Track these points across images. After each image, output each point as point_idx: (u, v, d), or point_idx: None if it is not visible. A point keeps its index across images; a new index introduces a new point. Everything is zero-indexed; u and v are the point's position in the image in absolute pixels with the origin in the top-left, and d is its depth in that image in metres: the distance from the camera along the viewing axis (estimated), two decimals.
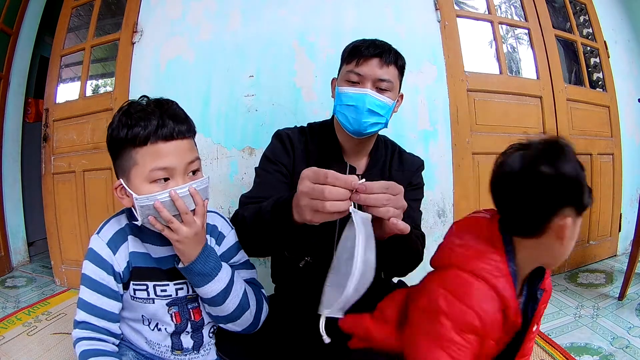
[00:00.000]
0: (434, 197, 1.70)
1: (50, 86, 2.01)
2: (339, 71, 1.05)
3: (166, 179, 0.71)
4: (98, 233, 0.80)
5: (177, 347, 0.85)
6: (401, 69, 1.02)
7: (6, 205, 2.21)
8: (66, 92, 2.10)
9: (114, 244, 0.79)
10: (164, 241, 0.78)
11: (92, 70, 2.07)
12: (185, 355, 0.85)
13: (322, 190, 0.62)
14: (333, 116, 1.07)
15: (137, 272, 0.80)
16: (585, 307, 1.54)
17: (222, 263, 0.80)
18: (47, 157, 1.99)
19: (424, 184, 1.13)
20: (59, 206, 1.97)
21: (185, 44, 1.72)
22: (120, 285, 0.80)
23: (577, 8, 2.19)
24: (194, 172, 0.75)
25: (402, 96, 1.08)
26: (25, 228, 2.33)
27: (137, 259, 0.80)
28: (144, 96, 0.78)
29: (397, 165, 1.09)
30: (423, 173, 1.14)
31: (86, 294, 0.78)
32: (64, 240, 1.98)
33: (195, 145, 0.79)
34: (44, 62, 2.37)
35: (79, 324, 0.78)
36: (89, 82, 2.06)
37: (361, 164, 1.06)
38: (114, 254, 0.78)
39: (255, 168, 1.06)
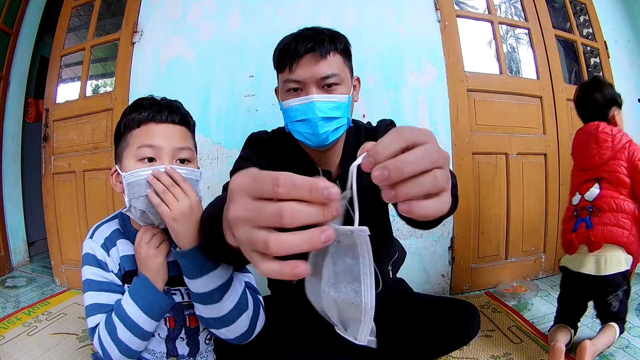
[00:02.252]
0: None
1: (50, 86, 2.01)
2: (278, 80, 0.91)
3: (152, 160, 0.72)
4: (91, 237, 0.81)
5: (172, 353, 0.83)
6: (345, 51, 0.87)
7: (6, 205, 2.21)
8: (66, 92, 2.10)
9: (106, 247, 0.80)
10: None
11: (92, 70, 2.07)
12: None
13: (277, 212, 0.31)
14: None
15: (128, 276, 0.80)
16: None
17: None
18: (47, 157, 1.99)
19: None
20: (59, 206, 1.98)
21: (185, 44, 1.72)
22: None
23: (577, 8, 2.19)
24: (184, 162, 0.75)
25: (358, 80, 0.94)
26: (25, 228, 2.33)
27: (128, 262, 0.80)
28: (151, 95, 0.81)
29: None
30: None
31: (93, 297, 0.76)
32: (64, 240, 1.98)
33: (193, 140, 0.80)
34: (44, 62, 2.37)
35: (94, 329, 0.75)
36: (89, 82, 2.06)
37: (334, 164, 0.94)
38: (108, 255, 0.80)
39: (230, 171, 0.91)
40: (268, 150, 0.93)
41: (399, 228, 1.65)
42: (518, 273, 1.86)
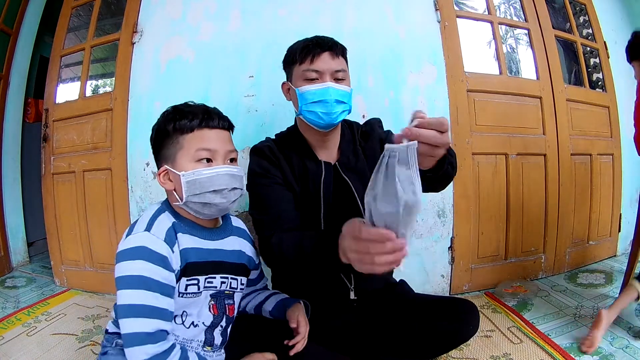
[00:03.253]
0: (434, 197, 1.70)
1: (50, 86, 2.01)
2: (290, 74, 1.09)
3: (209, 160, 0.81)
4: (148, 230, 0.78)
5: (209, 342, 0.87)
6: (345, 58, 1.09)
7: (6, 205, 2.21)
8: (66, 92, 2.10)
9: (170, 240, 0.79)
10: (213, 235, 0.88)
11: (92, 70, 2.07)
12: (213, 351, 0.88)
13: (367, 249, 0.59)
14: (296, 120, 1.14)
15: (190, 268, 0.82)
16: (585, 307, 1.54)
17: None
18: (47, 157, 1.98)
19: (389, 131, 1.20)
20: (58, 206, 1.97)
21: (185, 44, 1.72)
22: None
23: (577, 8, 2.19)
24: (232, 161, 0.85)
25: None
26: (25, 228, 2.33)
27: (190, 254, 0.82)
28: (190, 102, 0.89)
29: (364, 140, 1.15)
30: None
31: (148, 298, 0.73)
32: (63, 241, 1.98)
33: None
34: (44, 62, 2.37)
35: (139, 337, 0.71)
36: (88, 82, 2.06)
37: (333, 154, 1.11)
38: (172, 251, 0.79)
39: (247, 186, 1.01)
40: (271, 155, 1.06)
41: None
42: (518, 273, 1.86)
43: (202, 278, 0.83)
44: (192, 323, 0.84)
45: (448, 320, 0.96)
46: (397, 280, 1.18)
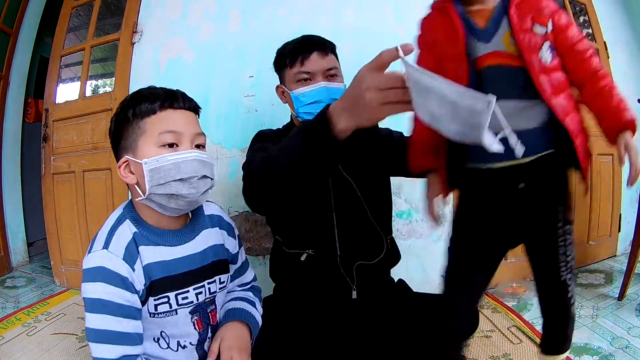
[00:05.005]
0: None
1: (50, 86, 2.01)
2: (282, 78, 1.09)
3: (173, 145, 0.72)
4: (106, 247, 0.70)
5: (202, 358, 0.80)
6: (335, 54, 1.08)
7: (6, 206, 2.21)
8: (66, 92, 2.10)
9: (130, 257, 0.70)
10: (180, 238, 0.77)
11: (92, 70, 2.07)
12: None
13: (395, 78, 0.58)
14: (291, 121, 1.13)
15: (156, 286, 0.73)
16: (584, 307, 1.54)
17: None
18: (47, 158, 1.98)
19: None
20: (58, 206, 1.97)
21: (185, 44, 1.72)
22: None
23: (577, 8, 2.19)
24: (199, 147, 0.76)
25: None
26: (25, 228, 2.33)
27: (154, 270, 0.73)
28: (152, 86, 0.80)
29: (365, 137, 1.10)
30: None
31: (111, 323, 0.67)
32: (63, 241, 1.98)
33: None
34: (44, 62, 2.37)
35: None
36: (88, 83, 2.06)
37: None
38: (133, 270, 0.70)
39: (248, 155, 1.03)
40: (276, 138, 1.05)
41: (398, 229, 1.65)
42: (518, 273, 1.85)
43: (172, 295, 0.74)
44: (179, 344, 0.78)
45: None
46: (396, 280, 1.17)
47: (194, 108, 0.79)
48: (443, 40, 0.70)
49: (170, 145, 0.72)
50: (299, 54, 1.02)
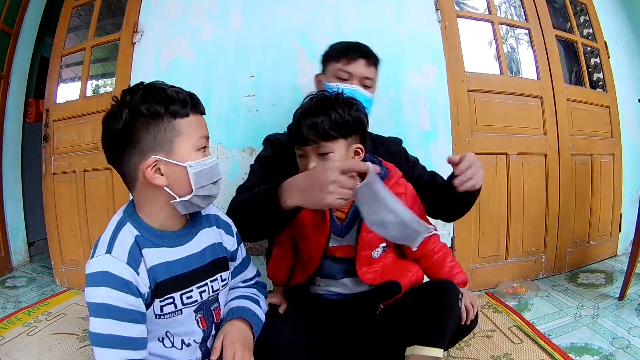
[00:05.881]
0: None
1: (50, 86, 2.01)
2: (324, 69, 1.17)
3: (204, 149, 0.76)
4: (109, 251, 0.69)
5: (205, 355, 0.81)
6: (377, 67, 1.17)
7: (6, 205, 2.20)
8: (66, 92, 2.10)
9: (134, 261, 0.70)
10: (181, 239, 0.78)
11: (92, 70, 2.07)
12: None
13: (349, 182, 0.76)
14: None
15: (161, 287, 0.73)
16: (585, 307, 1.54)
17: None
18: (47, 157, 1.98)
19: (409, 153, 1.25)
20: (59, 206, 1.97)
21: (185, 44, 1.72)
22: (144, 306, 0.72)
23: (578, 8, 2.19)
24: (205, 149, 0.78)
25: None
26: (25, 228, 2.33)
27: (159, 272, 0.73)
28: (142, 82, 0.80)
29: (384, 151, 1.16)
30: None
31: (115, 327, 0.67)
32: (64, 241, 1.98)
33: None
34: (44, 62, 2.37)
35: None
36: (89, 82, 2.06)
37: None
38: (138, 273, 0.70)
39: (251, 165, 1.14)
40: (282, 148, 1.11)
41: None
42: (518, 273, 1.86)
43: (177, 295, 0.75)
44: (184, 342, 0.78)
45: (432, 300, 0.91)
46: None
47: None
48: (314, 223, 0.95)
49: (202, 149, 0.75)
50: (348, 54, 1.11)
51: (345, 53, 1.11)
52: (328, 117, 0.87)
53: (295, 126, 0.92)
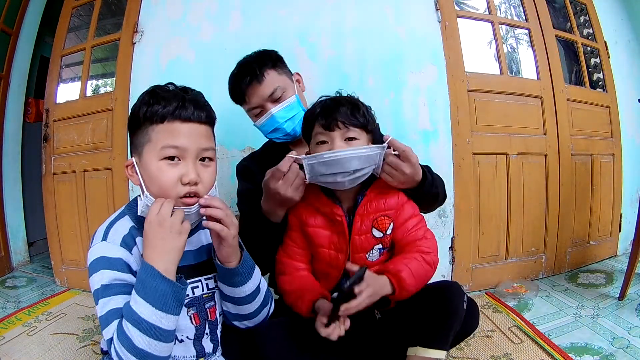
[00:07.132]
0: None
1: (50, 86, 2.01)
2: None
3: (174, 158, 0.71)
4: (105, 239, 0.73)
5: (201, 354, 0.81)
6: (274, 64, 1.14)
7: (6, 205, 2.21)
8: (66, 92, 2.10)
9: (127, 245, 0.73)
10: None
11: (92, 70, 2.07)
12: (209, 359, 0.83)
13: (291, 175, 0.90)
14: (269, 140, 1.22)
15: None
16: (585, 307, 1.54)
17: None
18: (47, 157, 1.99)
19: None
20: (59, 206, 1.98)
21: (185, 44, 1.72)
22: None
23: (578, 8, 2.19)
24: (204, 160, 0.75)
25: (298, 74, 1.22)
26: (25, 228, 2.34)
27: None
28: (171, 83, 0.79)
29: None
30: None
31: (111, 302, 0.68)
32: (64, 241, 1.98)
33: (214, 137, 0.79)
34: (44, 62, 2.37)
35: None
36: (89, 82, 2.06)
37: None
38: (131, 253, 0.73)
39: (238, 205, 1.17)
40: (252, 172, 1.14)
41: None
42: (518, 273, 1.86)
43: None
44: (176, 338, 0.77)
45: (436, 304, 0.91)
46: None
47: (206, 119, 0.75)
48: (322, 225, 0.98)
49: (171, 158, 0.71)
50: (237, 96, 1.13)
51: (235, 95, 1.16)
52: (357, 107, 0.93)
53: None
